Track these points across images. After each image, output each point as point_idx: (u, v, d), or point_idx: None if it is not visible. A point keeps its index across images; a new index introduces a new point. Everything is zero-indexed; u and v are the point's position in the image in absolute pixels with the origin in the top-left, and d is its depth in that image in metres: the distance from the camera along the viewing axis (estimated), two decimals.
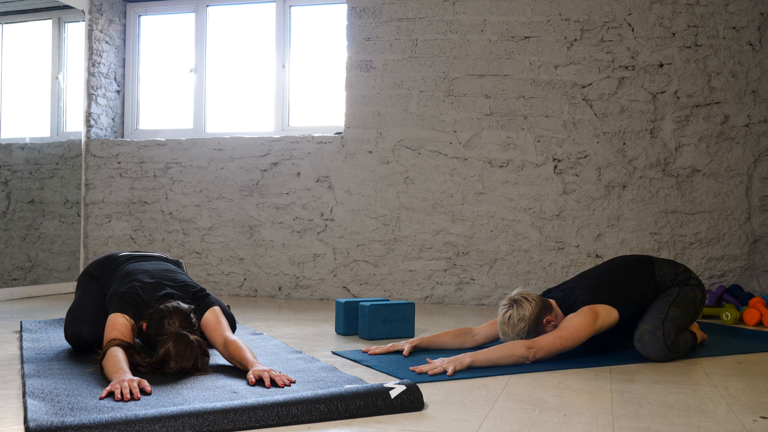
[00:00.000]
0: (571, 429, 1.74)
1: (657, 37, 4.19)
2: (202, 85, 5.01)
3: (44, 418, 1.66)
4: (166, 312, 2.23)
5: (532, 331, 2.63)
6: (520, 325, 2.62)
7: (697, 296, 2.80)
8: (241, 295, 4.68)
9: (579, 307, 2.67)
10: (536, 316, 2.63)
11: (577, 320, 2.61)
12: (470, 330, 2.86)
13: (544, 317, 2.66)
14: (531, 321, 2.62)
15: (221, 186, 4.72)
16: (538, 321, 2.64)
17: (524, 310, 2.62)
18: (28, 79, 4.87)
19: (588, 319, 2.61)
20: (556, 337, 2.56)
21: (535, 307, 2.64)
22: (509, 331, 2.64)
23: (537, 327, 2.64)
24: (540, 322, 2.65)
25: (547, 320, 2.66)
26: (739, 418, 1.86)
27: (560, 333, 2.57)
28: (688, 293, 2.78)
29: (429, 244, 4.40)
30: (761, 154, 4.14)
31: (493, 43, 4.35)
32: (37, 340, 2.83)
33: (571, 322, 2.61)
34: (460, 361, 2.39)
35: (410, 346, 2.69)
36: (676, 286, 2.82)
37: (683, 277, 2.84)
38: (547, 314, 2.67)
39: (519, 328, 2.62)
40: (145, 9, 5.16)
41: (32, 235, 4.72)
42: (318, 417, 1.76)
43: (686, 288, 2.80)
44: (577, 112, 4.26)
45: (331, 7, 4.84)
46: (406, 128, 4.44)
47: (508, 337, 2.65)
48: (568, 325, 2.60)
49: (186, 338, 2.18)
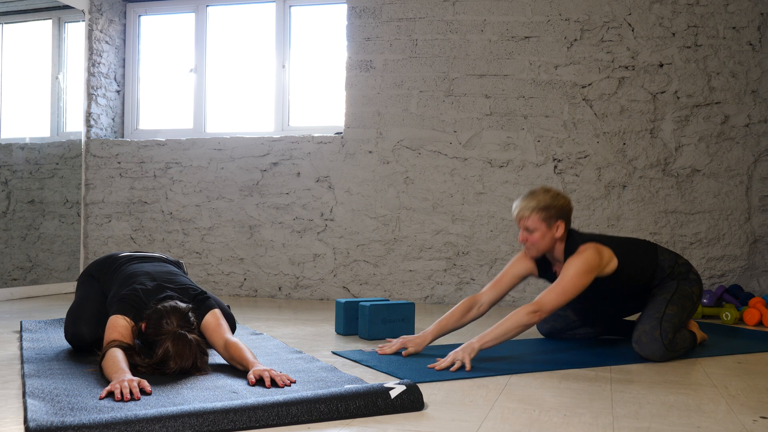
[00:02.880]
0: (571, 429, 1.74)
1: (657, 37, 4.19)
2: (202, 85, 5.01)
3: (44, 418, 1.66)
4: (164, 312, 2.23)
5: (541, 214, 2.62)
6: (540, 198, 2.63)
7: (695, 292, 2.78)
8: (241, 295, 4.68)
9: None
10: (557, 208, 2.64)
11: (577, 264, 2.58)
12: (475, 300, 2.78)
13: (559, 219, 2.65)
14: (550, 204, 2.63)
15: (221, 186, 4.72)
16: (552, 213, 2.64)
17: (553, 195, 2.65)
18: (28, 79, 4.87)
19: (589, 259, 2.59)
20: (558, 292, 2.54)
21: (562, 201, 2.66)
22: (524, 200, 2.66)
23: (548, 217, 2.63)
24: (551, 217, 2.64)
25: (557, 226, 2.66)
26: (739, 418, 1.86)
27: (562, 284, 2.55)
28: (685, 289, 2.77)
29: (429, 244, 4.40)
30: (761, 154, 4.14)
31: (493, 43, 4.35)
32: (37, 340, 2.83)
33: (571, 267, 2.58)
34: (471, 349, 2.43)
35: (416, 350, 2.66)
36: (674, 279, 2.80)
37: (683, 269, 2.82)
38: (563, 222, 2.66)
39: (535, 202, 2.63)
40: (145, 9, 5.16)
41: (32, 235, 4.72)
42: (318, 417, 1.76)
43: (684, 283, 2.78)
44: (577, 112, 4.26)
45: (331, 7, 4.84)
46: (406, 128, 4.44)
47: (517, 207, 2.67)
48: (569, 272, 2.56)
49: (184, 337, 2.18)
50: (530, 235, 2.67)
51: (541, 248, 2.70)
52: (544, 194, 2.66)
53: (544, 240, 2.67)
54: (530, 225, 2.66)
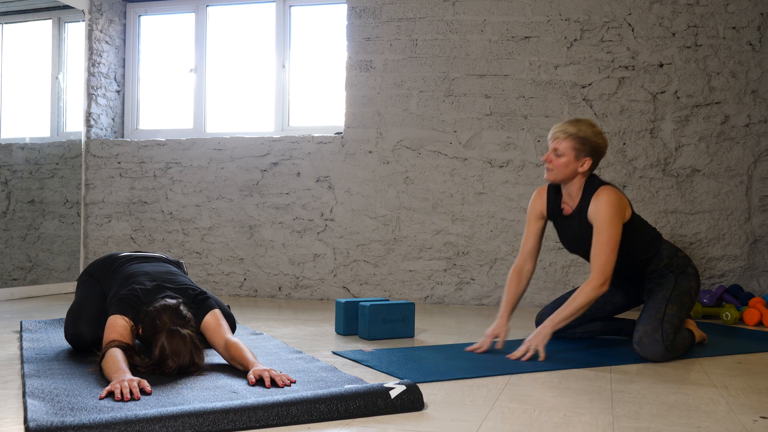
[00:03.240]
0: (571, 429, 1.74)
1: (657, 37, 4.19)
2: (202, 85, 5.01)
3: (44, 418, 1.66)
4: (155, 312, 2.24)
5: (575, 143, 2.66)
6: (581, 128, 2.67)
7: (693, 287, 2.79)
8: (241, 295, 4.68)
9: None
10: (593, 145, 2.68)
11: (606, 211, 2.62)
12: (518, 268, 2.86)
13: (589, 156, 2.69)
14: (588, 138, 2.67)
15: (221, 186, 4.72)
16: (586, 147, 2.67)
17: (595, 131, 2.69)
18: (28, 79, 4.87)
19: (614, 202, 2.65)
20: (606, 251, 2.59)
21: (600, 140, 2.69)
22: (566, 124, 2.70)
23: (581, 149, 2.67)
24: (583, 150, 2.68)
25: (585, 161, 2.69)
26: (739, 418, 1.86)
27: (603, 239, 2.60)
28: (683, 285, 2.77)
29: (429, 244, 4.40)
30: (761, 154, 4.14)
31: (493, 43, 4.35)
32: (37, 340, 2.83)
33: (601, 217, 2.62)
34: (544, 335, 2.55)
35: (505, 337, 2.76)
36: (673, 273, 2.80)
37: (682, 262, 2.81)
38: (591, 161, 2.70)
39: (575, 129, 2.67)
40: (145, 9, 5.16)
41: (32, 235, 4.72)
42: (318, 417, 1.76)
43: (682, 278, 2.78)
44: (577, 112, 4.26)
45: (331, 7, 4.84)
46: (406, 128, 4.44)
47: (556, 127, 2.71)
48: (603, 223, 2.61)
49: (177, 333, 2.18)
50: (556, 158, 2.71)
51: (560, 175, 2.73)
52: (588, 127, 2.70)
53: (567, 168, 2.71)
54: (561, 149, 2.70)
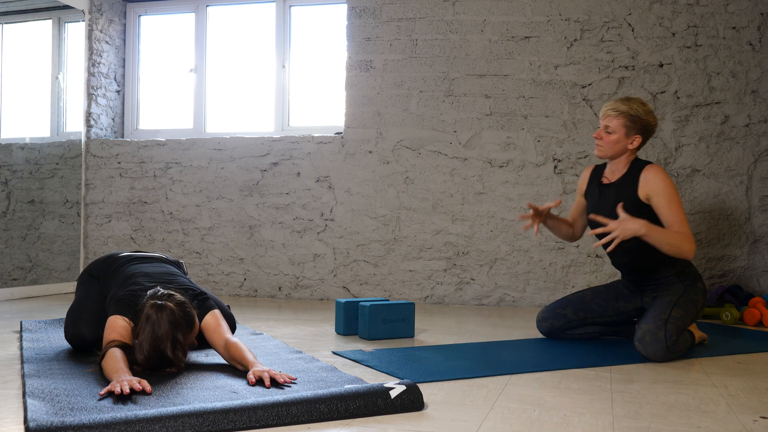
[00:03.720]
0: (571, 429, 1.74)
1: (657, 37, 4.19)
2: (202, 85, 5.01)
3: (44, 418, 1.66)
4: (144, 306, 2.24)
5: (626, 120, 2.76)
6: (634, 106, 2.76)
7: (699, 301, 2.81)
8: (241, 295, 4.68)
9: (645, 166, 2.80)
10: (644, 123, 2.78)
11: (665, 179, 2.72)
12: (572, 225, 3.11)
13: (639, 134, 2.79)
14: (639, 117, 2.76)
15: (221, 186, 4.72)
16: (637, 125, 2.77)
17: (647, 110, 2.78)
18: (28, 79, 4.87)
19: (665, 174, 2.74)
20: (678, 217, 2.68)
21: (651, 119, 2.79)
22: (619, 102, 2.79)
23: (632, 127, 2.77)
24: (634, 128, 2.78)
25: (634, 139, 2.79)
26: (739, 418, 1.86)
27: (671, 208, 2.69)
28: (691, 296, 2.79)
29: (429, 244, 4.40)
30: (761, 154, 4.14)
31: (493, 43, 4.35)
32: (37, 340, 2.83)
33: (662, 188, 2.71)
34: (634, 230, 2.60)
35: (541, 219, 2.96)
36: (682, 282, 2.82)
37: (693, 275, 2.84)
38: (641, 139, 2.80)
39: (627, 107, 2.76)
40: (145, 9, 5.16)
41: (32, 235, 4.72)
42: (318, 417, 1.76)
43: (691, 290, 2.80)
44: (577, 112, 4.26)
45: (331, 7, 4.84)
46: (406, 128, 4.44)
47: (608, 105, 2.81)
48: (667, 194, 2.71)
49: (162, 307, 2.18)
50: (607, 135, 2.80)
51: (610, 152, 2.84)
52: (639, 105, 2.78)
53: (617, 145, 2.81)
54: (612, 126, 2.79)
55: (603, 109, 2.83)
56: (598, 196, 2.95)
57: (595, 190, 2.97)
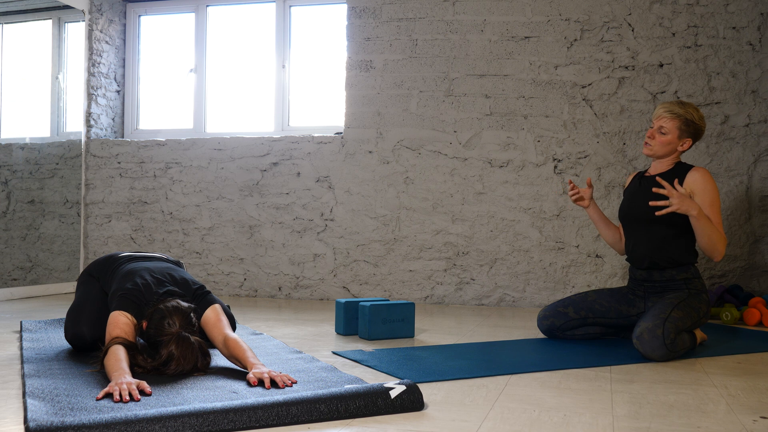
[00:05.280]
0: (571, 429, 1.74)
1: (657, 37, 4.19)
2: (202, 85, 5.01)
3: (44, 418, 1.66)
4: (166, 312, 2.22)
5: (681, 123, 2.83)
6: (689, 111, 2.85)
7: (702, 309, 2.84)
8: (241, 295, 4.68)
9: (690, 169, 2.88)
10: (696, 128, 2.87)
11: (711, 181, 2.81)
12: (618, 229, 3.16)
13: (690, 138, 2.88)
14: (693, 121, 2.84)
15: (221, 186, 4.72)
16: (690, 129, 2.86)
17: (700, 116, 2.86)
18: (28, 79, 4.87)
19: (709, 175, 2.83)
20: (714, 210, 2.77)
21: (702, 124, 2.88)
22: (674, 105, 2.86)
23: (684, 130, 2.87)
24: (686, 132, 2.87)
25: (685, 142, 2.89)
26: (739, 418, 1.86)
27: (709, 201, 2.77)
28: (694, 303, 2.81)
29: (429, 244, 4.40)
30: (761, 154, 4.14)
31: (493, 43, 4.35)
32: (37, 340, 2.83)
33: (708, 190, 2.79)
34: (691, 206, 2.65)
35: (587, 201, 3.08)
36: (688, 289, 2.85)
37: (700, 286, 2.88)
38: (691, 142, 2.88)
39: (683, 111, 2.85)
40: (145, 9, 5.16)
41: (32, 235, 4.72)
42: (318, 417, 1.76)
43: (695, 298, 2.84)
44: (577, 112, 4.26)
45: (331, 7, 4.84)
46: (406, 128, 4.45)
47: (663, 106, 2.88)
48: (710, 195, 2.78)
49: (187, 340, 2.18)
50: (660, 135, 2.88)
51: (660, 152, 2.91)
52: (694, 110, 2.88)
53: (668, 146, 2.90)
54: (667, 127, 2.88)
55: (658, 110, 2.90)
56: (638, 185, 3.04)
57: (636, 182, 3.07)
